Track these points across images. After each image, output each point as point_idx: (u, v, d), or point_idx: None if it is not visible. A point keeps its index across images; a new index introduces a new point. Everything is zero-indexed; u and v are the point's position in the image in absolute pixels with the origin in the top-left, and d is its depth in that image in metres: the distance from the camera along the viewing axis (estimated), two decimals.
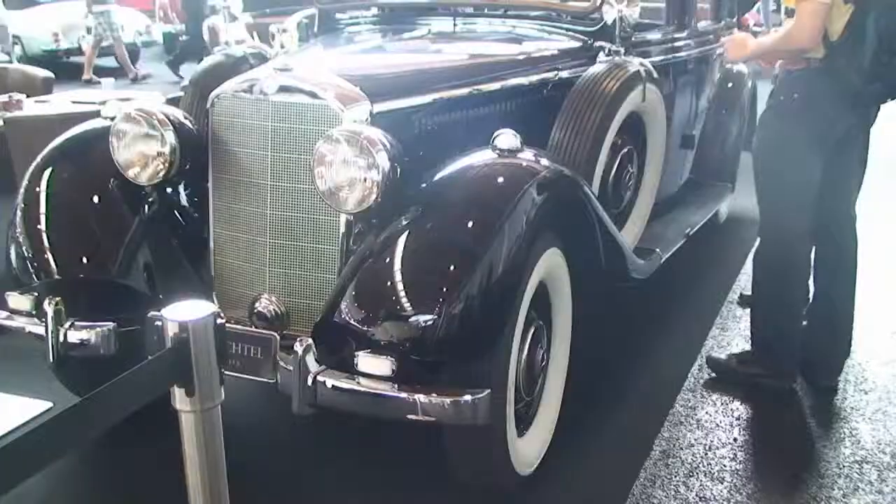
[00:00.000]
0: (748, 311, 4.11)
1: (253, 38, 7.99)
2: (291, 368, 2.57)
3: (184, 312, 1.71)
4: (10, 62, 11.99)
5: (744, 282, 4.90)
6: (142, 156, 3.09)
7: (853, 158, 3.66)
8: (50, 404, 3.49)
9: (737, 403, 3.70)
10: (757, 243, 3.84)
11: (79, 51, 13.90)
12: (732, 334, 4.37)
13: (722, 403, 3.71)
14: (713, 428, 3.52)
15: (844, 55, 3.35)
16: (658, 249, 4.06)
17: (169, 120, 3.08)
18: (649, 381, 3.95)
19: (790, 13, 3.42)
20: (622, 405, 3.72)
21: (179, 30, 15.98)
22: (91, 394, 1.49)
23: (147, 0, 19.70)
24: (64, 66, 13.04)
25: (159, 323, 1.72)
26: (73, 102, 6.38)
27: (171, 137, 3.06)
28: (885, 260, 5.34)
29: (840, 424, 3.53)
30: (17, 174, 5.11)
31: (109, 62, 14.85)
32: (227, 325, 2.11)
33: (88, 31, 13.53)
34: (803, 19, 3.28)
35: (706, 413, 3.64)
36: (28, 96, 6.44)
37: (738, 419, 3.58)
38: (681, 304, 4.66)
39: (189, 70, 13.00)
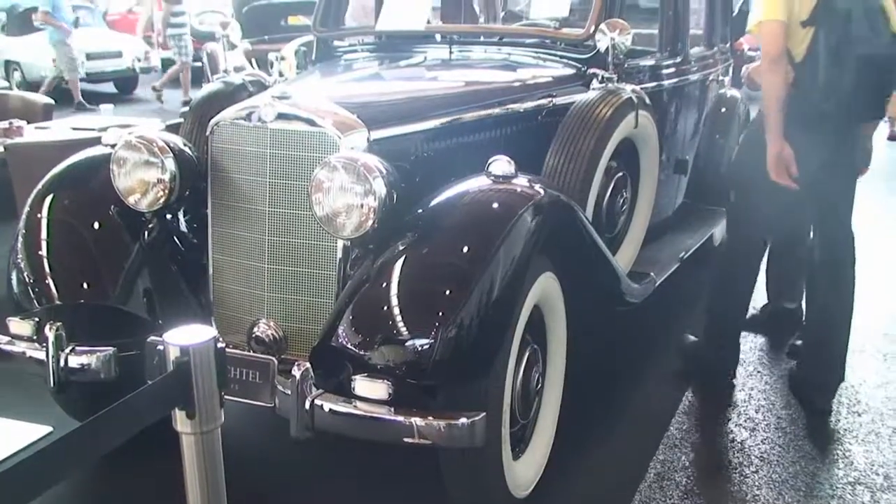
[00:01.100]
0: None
1: (251, 64, 8.06)
2: (289, 392, 2.60)
3: (185, 337, 1.75)
4: (10, 88, 12.08)
5: None
6: (142, 183, 3.13)
7: (842, 179, 3.71)
8: (50, 429, 3.52)
9: (731, 426, 3.73)
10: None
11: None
12: None
13: (716, 426, 3.74)
14: (708, 451, 3.55)
15: (807, 75, 3.48)
16: (652, 273, 4.10)
17: (169, 147, 3.13)
18: (644, 403, 3.99)
19: None
20: (617, 428, 3.76)
21: None
22: (94, 417, 1.52)
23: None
24: (63, 92, 13.10)
25: (161, 347, 1.75)
26: (73, 129, 6.43)
27: (171, 165, 3.11)
28: (879, 282, 5.38)
29: (833, 446, 3.57)
30: (18, 200, 5.15)
31: (108, 88, 14.94)
32: (226, 349, 2.15)
33: (177, 45, 13.49)
34: (765, 39, 3.50)
35: (701, 436, 3.67)
36: (28, 122, 6.50)
37: (732, 441, 3.61)
38: (675, 328, 4.69)
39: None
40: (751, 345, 4.51)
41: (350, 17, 5.11)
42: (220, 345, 1.79)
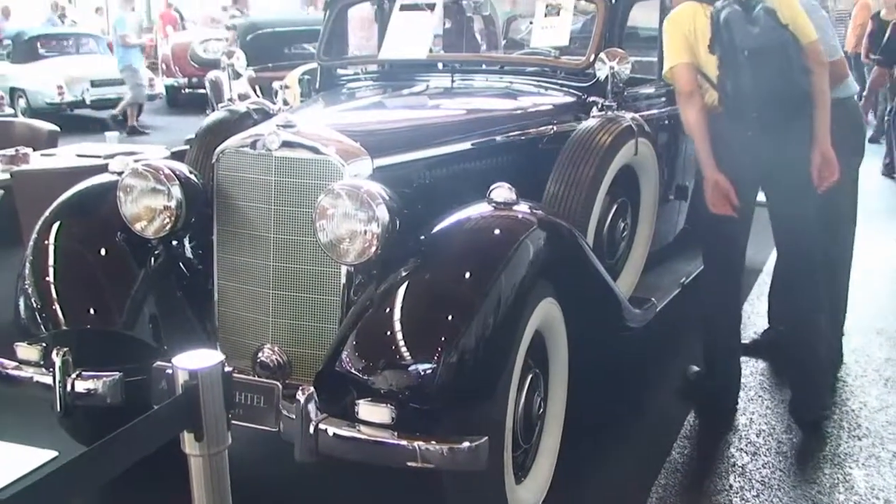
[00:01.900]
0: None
1: (255, 92, 8.13)
2: (294, 417, 2.63)
3: (193, 361, 1.79)
4: (16, 115, 12.16)
5: None
6: (148, 210, 3.17)
7: (804, 185, 3.77)
8: (55, 453, 3.54)
9: (732, 450, 3.75)
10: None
11: (83, 104, 14.05)
12: None
13: (718, 450, 3.76)
14: (709, 475, 3.56)
15: (726, 90, 3.62)
16: (654, 299, 4.13)
17: (175, 175, 3.18)
18: (646, 428, 4.01)
19: None
20: (620, 453, 3.78)
21: (182, 83, 16.22)
22: (103, 440, 1.55)
23: (149, 54, 20.00)
24: (68, 119, 13.18)
25: (169, 371, 1.79)
26: (79, 156, 6.48)
27: (177, 192, 3.15)
28: (879, 307, 5.41)
29: (834, 470, 3.58)
30: (24, 226, 5.19)
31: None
32: (232, 374, 2.18)
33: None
34: (677, 81, 3.75)
35: (702, 460, 3.69)
36: (34, 149, 6.55)
37: (733, 466, 3.63)
38: (676, 353, 4.72)
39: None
40: (752, 369, 4.53)
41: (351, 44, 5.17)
42: (227, 369, 1.83)
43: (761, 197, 3.97)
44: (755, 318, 5.27)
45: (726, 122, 3.69)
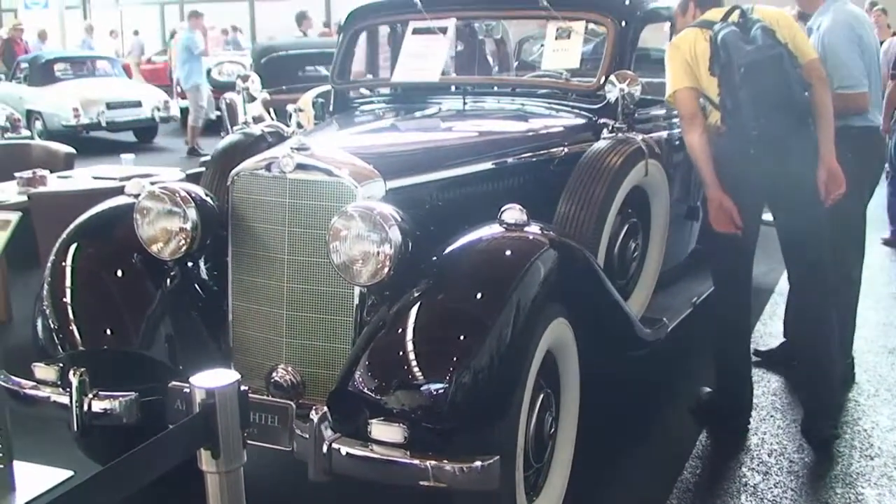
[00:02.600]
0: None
1: (269, 114, 8.19)
2: (307, 436, 2.66)
3: (210, 380, 1.82)
4: (32, 138, 12.26)
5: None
6: (165, 232, 3.22)
7: (813, 202, 3.80)
8: (71, 473, 3.60)
9: (744, 470, 3.76)
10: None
11: (98, 126, 14.17)
12: None
13: (729, 470, 3.76)
14: (721, 495, 3.57)
15: (728, 109, 3.68)
16: (665, 319, 4.14)
17: (191, 197, 3.22)
18: (658, 448, 4.02)
19: None
20: (631, 472, 3.79)
21: None
22: (123, 457, 1.59)
23: (164, 76, 20.22)
24: (84, 141, 13.29)
25: (186, 390, 1.82)
26: (95, 178, 6.55)
27: (192, 214, 3.20)
28: (892, 326, 5.41)
29: (846, 490, 3.58)
30: (41, 248, 5.26)
31: (128, 136, 15.15)
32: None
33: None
34: (679, 105, 3.85)
35: (714, 480, 3.69)
36: (51, 172, 6.62)
37: (745, 486, 3.63)
38: (688, 373, 4.73)
39: None
40: (763, 389, 4.54)
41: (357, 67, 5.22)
42: (243, 388, 1.86)
43: (769, 216, 4.00)
44: (767, 337, 5.27)
45: (729, 141, 3.74)
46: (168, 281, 3.31)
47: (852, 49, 4.18)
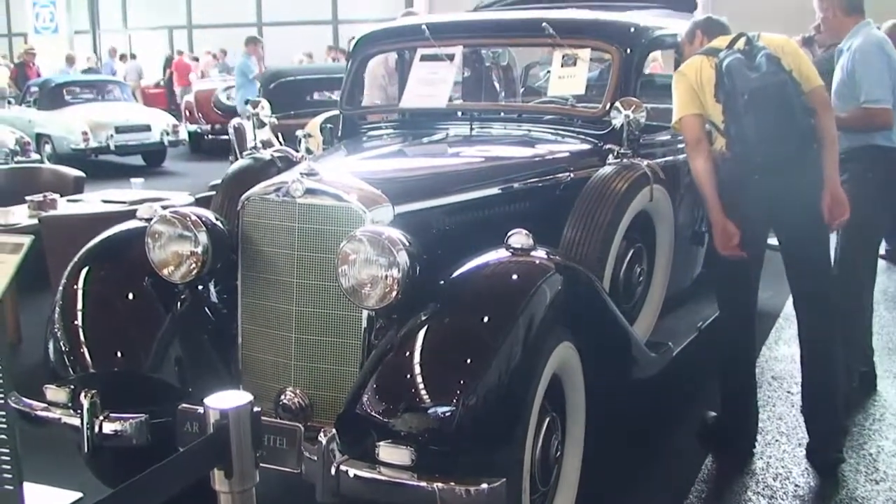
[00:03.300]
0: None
1: (278, 138, 8.26)
2: (316, 458, 2.69)
3: (223, 401, 1.86)
4: (41, 161, 12.35)
5: (756, 374, 4.99)
6: (176, 255, 3.27)
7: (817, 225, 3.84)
8: (80, 494, 3.63)
9: (749, 494, 3.77)
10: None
11: (107, 149, 14.26)
12: None
13: (735, 494, 3.77)
14: None
15: (732, 135, 3.75)
16: (670, 343, 4.16)
17: (202, 221, 3.27)
18: (664, 471, 4.04)
19: None
20: (637, 496, 3.80)
21: (205, 129, 16.44)
22: (140, 475, 1.62)
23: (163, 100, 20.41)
24: (92, 165, 13.37)
25: (201, 410, 1.86)
26: (104, 202, 6.60)
27: (203, 238, 3.24)
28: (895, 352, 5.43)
29: None
30: (51, 271, 5.29)
31: (136, 160, 15.24)
32: None
33: None
34: (685, 131, 3.92)
35: None
36: (61, 195, 6.67)
37: None
38: (693, 397, 4.74)
39: None
40: (769, 413, 4.55)
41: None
42: (255, 409, 1.90)
43: (774, 240, 4.03)
44: (772, 362, 5.29)
45: (733, 167, 3.79)
46: (178, 304, 3.36)
47: (882, 66, 4.28)
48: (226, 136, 13.14)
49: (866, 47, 4.33)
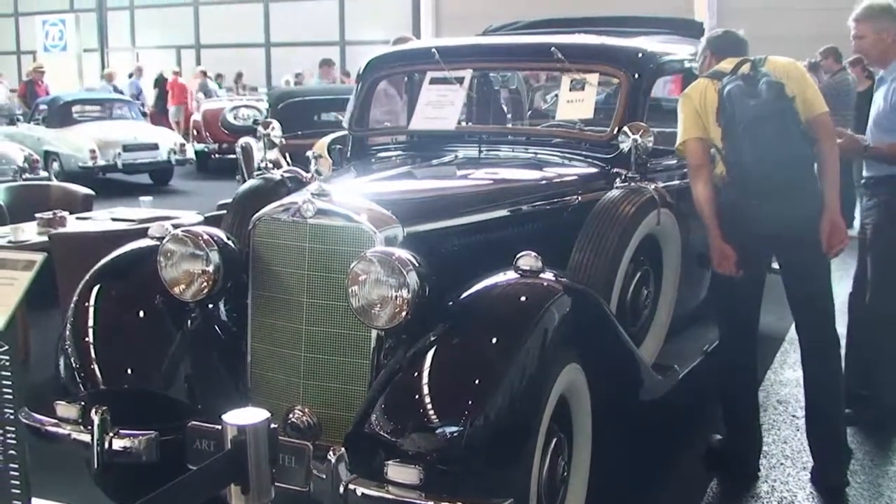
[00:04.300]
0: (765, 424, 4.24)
1: (285, 158, 8.29)
2: (324, 477, 2.71)
3: (241, 417, 1.88)
4: (49, 179, 12.40)
5: (762, 398, 5.01)
6: (187, 274, 3.30)
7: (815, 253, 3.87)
8: None
9: None
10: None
11: (115, 168, 14.32)
12: None
13: None
14: None
15: (729, 158, 3.81)
16: (676, 366, 4.18)
17: (213, 241, 3.30)
18: (670, 494, 4.05)
19: None
20: None
21: (213, 148, 16.51)
22: (158, 491, 1.64)
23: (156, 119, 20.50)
24: (100, 183, 13.43)
25: (214, 427, 1.88)
26: (113, 220, 6.65)
27: (215, 257, 3.28)
28: None
29: None
30: (60, 288, 5.32)
31: (143, 178, 15.31)
32: None
33: None
34: (688, 154, 3.97)
35: None
36: (70, 213, 6.72)
37: None
38: (699, 420, 4.75)
39: None
40: (774, 437, 4.56)
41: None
42: (272, 426, 1.92)
43: (776, 264, 4.07)
44: (778, 386, 5.29)
45: (732, 191, 3.85)
46: (189, 322, 3.39)
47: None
48: (233, 156, 13.20)
49: None
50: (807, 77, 3.97)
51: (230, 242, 3.39)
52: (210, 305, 3.45)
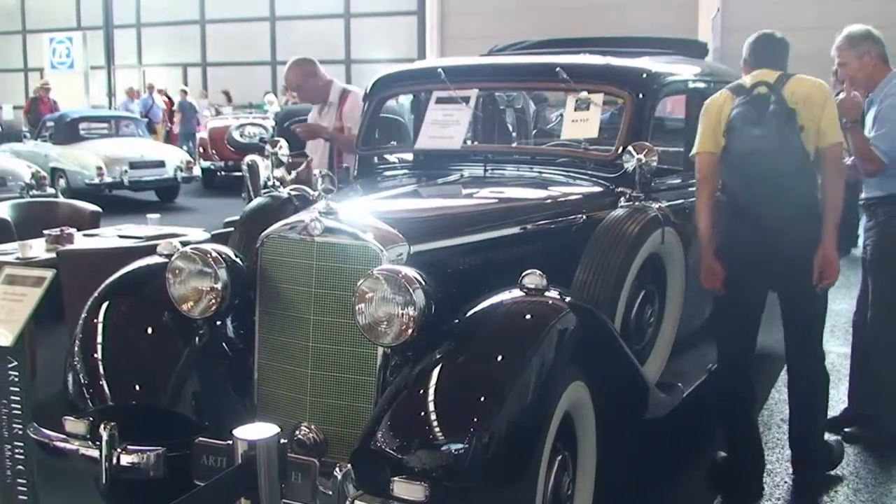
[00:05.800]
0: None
1: (290, 175, 8.32)
2: (331, 493, 2.72)
3: (252, 432, 1.91)
4: (56, 196, 12.46)
5: (766, 417, 5.03)
6: (196, 291, 3.33)
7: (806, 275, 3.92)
8: None
9: None
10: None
11: (121, 185, 14.38)
12: None
13: None
14: None
15: (725, 173, 3.96)
16: (680, 384, 4.19)
17: (222, 258, 3.34)
18: None
19: None
20: None
21: (219, 166, 16.59)
22: (175, 502, 1.66)
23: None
24: (106, 200, 13.48)
25: (223, 443, 1.91)
26: (121, 237, 6.68)
27: (223, 275, 3.31)
28: None
29: None
30: (67, 304, 5.35)
31: (150, 196, 15.37)
32: None
33: None
34: (697, 166, 4.05)
35: None
36: (78, 230, 6.75)
37: None
38: (703, 438, 4.76)
39: None
40: (777, 456, 4.56)
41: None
42: (282, 441, 1.94)
43: None
44: (782, 405, 5.29)
45: (725, 211, 3.94)
46: (196, 339, 3.42)
47: None
48: (239, 173, 13.26)
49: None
50: (829, 103, 3.89)
51: (238, 260, 3.43)
52: (217, 322, 3.48)
